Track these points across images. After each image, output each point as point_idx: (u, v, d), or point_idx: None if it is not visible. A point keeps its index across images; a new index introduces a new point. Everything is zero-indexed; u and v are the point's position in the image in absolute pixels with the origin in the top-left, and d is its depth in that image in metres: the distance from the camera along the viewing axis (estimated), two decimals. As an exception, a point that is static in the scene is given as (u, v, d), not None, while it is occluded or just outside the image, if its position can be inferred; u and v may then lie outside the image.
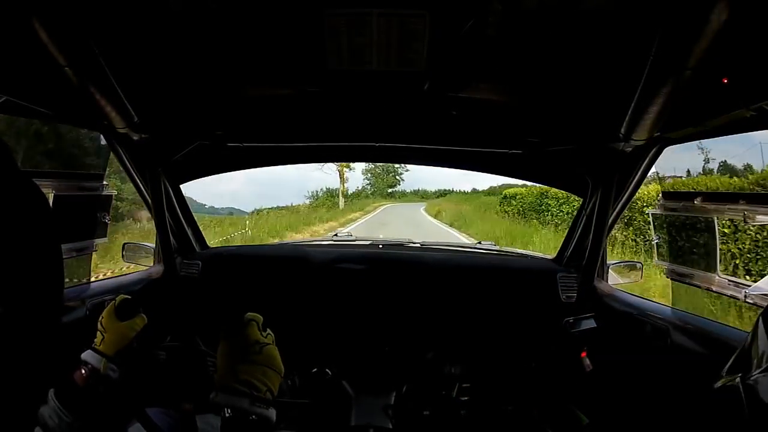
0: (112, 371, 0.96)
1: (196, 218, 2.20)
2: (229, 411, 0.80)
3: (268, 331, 0.88)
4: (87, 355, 0.96)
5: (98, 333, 0.99)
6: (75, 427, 0.87)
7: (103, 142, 1.75)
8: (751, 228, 4.87)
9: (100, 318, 1.01)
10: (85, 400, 0.91)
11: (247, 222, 14.11)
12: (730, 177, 5.59)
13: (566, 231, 2.19)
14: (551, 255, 2.23)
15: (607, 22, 1.16)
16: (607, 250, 2.04)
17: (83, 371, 0.94)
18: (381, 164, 31.52)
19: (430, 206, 27.32)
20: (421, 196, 38.69)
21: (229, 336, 0.85)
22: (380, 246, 2.33)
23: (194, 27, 1.24)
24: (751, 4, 0.91)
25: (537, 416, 1.89)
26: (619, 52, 1.24)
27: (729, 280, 1.59)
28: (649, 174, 1.73)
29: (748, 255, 4.98)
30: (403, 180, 37.94)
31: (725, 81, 1.09)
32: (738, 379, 0.65)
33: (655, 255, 1.89)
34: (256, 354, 0.83)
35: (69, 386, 0.92)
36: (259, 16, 1.22)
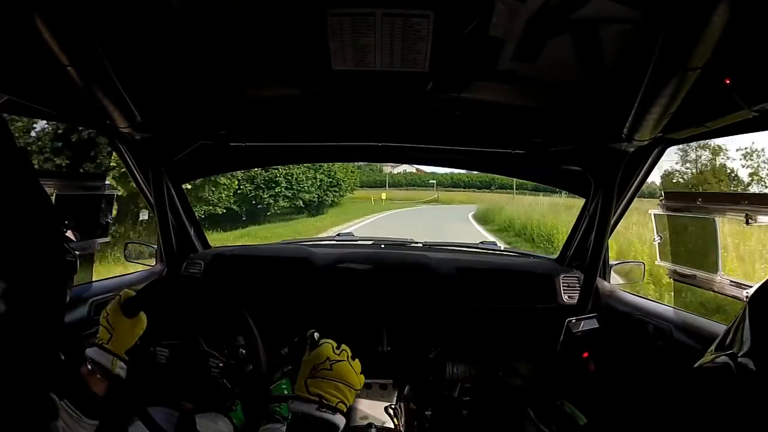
0: (122, 370, 0.96)
1: None
2: (299, 415, 0.88)
3: (343, 347, 0.96)
4: (94, 352, 0.96)
5: (103, 330, 0.98)
6: (82, 422, 0.88)
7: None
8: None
9: (104, 314, 1.00)
10: (93, 398, 0.92)
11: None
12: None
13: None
14: (553, 255, 2.23)
15: (611, 22, 1.16)
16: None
17: (89, 367, 0.94)
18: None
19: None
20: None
21: (305, 355, 0.94)
22: (382, 246, 2.33)
23: (197, 26, 1.24)
24: (754, 5, 0.91)
25: (536, 416, 1.89)
26: (622, 52, 1.24)
27: (730, 281, 1.60)
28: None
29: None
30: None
31: (728, 82, 1.09)
32: (725, 357, 0.67)
33: (657, 255, 1.89)
34: (327, 370, 0.91)
35: (74, 382, 0.92)
36: (263, 15, 1.22)
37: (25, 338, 0.59)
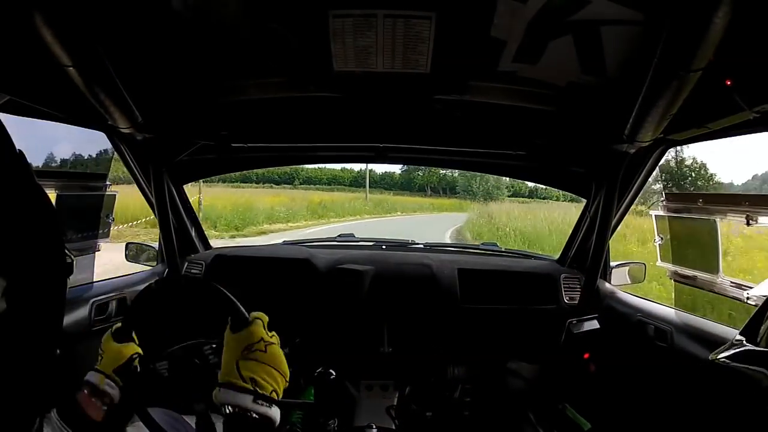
0: (110, 387, 0.96)
1: None
2: (230, 408, 0.76)
3: (273, 333, 0.86)
4: (89, 375, 0.98)
5: (99, 357, 1.01)
6: None
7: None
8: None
9: (101, 343, 1.03)
10: (86, 419, 0.92)
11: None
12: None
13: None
14: (555, 256, 2.23)
15: (612, 24, 1.16)
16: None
17: (85, 391, 0.95)
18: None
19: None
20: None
21: (234, 331, 0.83)
22: (383, 246, 2.33)
23: (199, 28, 1.25)
24: (755, 7, 0.92)
25: (537, 420, 1.89)
26: (624, 53, 1.24)
27: (731, 282, 1.60)
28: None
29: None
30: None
31: (729, 83, 1.09)
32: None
33: (657, 256, 1.89)
34: (262, 352, 0.79)
35: (71, 405, 0.93)
36: (264, 17, 1.22)
37: (25, 338, 0.59)
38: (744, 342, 0.80)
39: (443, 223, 16.97)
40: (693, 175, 9.16)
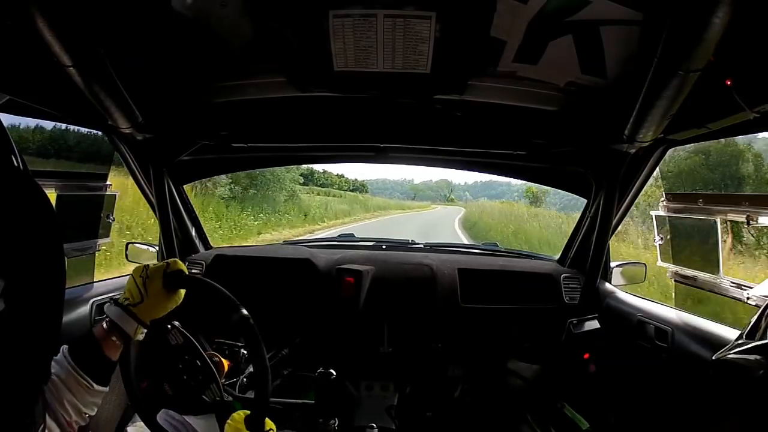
0: (139, 341, 0.89)
1: None
2: None
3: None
4: (115, 313, 0.86)
5: (134, 291, 0.87)
6: (92, 390, 0.81)
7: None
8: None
9: (142, 273, 0.89)
10: (106, 363, 0.84)
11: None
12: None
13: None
14: (555, 256, 2.23)
15: (612, 24, 1.16)
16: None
17: (105, 328, 0.85)
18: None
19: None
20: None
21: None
22: (384, 246, 2.33)
23: (199, 27, 1.25)
24: (755, 7, 0.92)
25: (534, 420, 1.89)
26: (624, 53, 1.24)
27: (732, 282, 1.60)
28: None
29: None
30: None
31: (729, 83, 1.09)
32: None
33: (658, 256, 1.89)
34: None
35: (85, 344, 0.84)
36: (265, 16, 1.23)
37: (24, 337, 0.59)
38: (747, 342, 0.80)
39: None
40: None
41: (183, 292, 0.92)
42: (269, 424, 0.86)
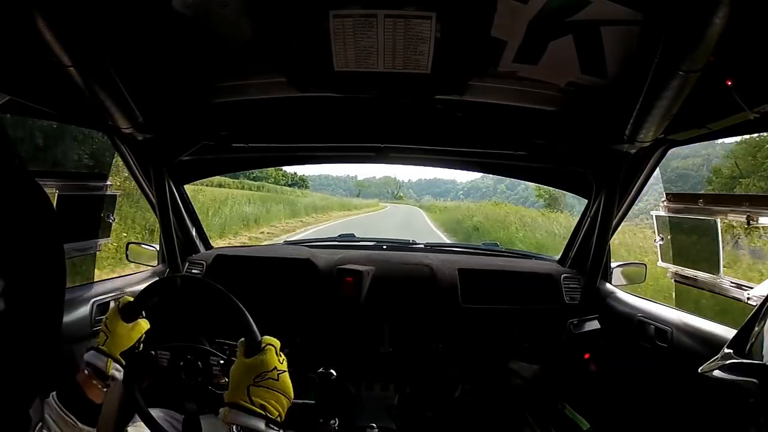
0: (117, 371, 0.95)
1: None
2: (239, 428, 0.80)
3: (283, 357, 0.88)
4: (90, 356, 0.96)
5: (102, 334, 0.98)
6: (77, 428, 0.88)
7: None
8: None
9: (105, 319, 1.00)
10: (89, 405, 0.91)
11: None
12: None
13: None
14: (556, 256, 2.23)
15: (612, 24, 1.16)
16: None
17: (86, 372, 0.94)
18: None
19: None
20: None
21: (247, 357, 0.85)
22: (384, 247, 2.33)
23: (199, 27, 1.25)
24: (755, 7, 0.92)
25: (534, 421, 1.89)
26: (624, 53, 1.24)
27: (732, 282, 1.60)
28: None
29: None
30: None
31: (729, 83, 1.09)
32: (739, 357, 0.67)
33: (659, 257, 1.89)
34: (274, 380, 0.83)
35: (71, 388, 0.92)
36: (265, 16, 1.23)
37: (23, 337, 0.59)
38: (732, 354, 0.79)
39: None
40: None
41: (144, 321, 1.02)
42: (269, 339, 0.87)
